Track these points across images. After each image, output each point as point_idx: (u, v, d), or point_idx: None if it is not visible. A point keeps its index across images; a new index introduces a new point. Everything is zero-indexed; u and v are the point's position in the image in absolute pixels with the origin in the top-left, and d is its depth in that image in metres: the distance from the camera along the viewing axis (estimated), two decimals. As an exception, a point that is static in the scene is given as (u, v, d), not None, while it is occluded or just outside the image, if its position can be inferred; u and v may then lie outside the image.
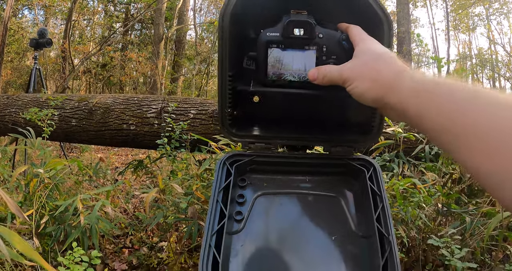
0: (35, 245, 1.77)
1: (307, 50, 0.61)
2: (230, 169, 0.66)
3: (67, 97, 3.20)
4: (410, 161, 2.22)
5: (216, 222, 0.61)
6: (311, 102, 0.67)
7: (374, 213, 0.61)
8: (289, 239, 0.63)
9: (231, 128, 0.68)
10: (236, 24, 0.62)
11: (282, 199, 0.68)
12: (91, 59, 11.00)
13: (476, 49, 16.69)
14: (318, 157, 0.72)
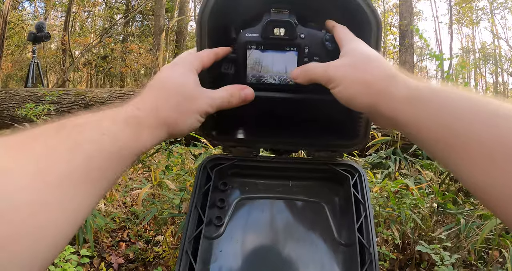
0: None
1: (288, 51, 0.58)
2: (210, 173, 0.65)
3: (64, 92, 3.20)
4: (407, 158, 2.20)
5: (194, 227, 0.59)
6: (293, 106, 0.64)
7: (356, 222, 0.59)
8: (269, 245, 0.61)
9: (212, 132, 0.66)
10: (216, 23, 0.58)
11: (264, 204, 0.66)
12: (92, 51, 10.97)
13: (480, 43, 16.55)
14: (301, 161, 0.69)
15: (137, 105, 0.44)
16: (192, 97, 0.48)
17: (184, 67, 0.50)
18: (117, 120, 0.40)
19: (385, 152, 2.14)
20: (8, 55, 10.16)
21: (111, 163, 0.38)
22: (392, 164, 2.01)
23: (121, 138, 0.39)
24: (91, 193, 0.35)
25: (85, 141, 0.36)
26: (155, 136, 0.44)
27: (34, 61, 4.46)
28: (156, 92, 0.47)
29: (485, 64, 15.45)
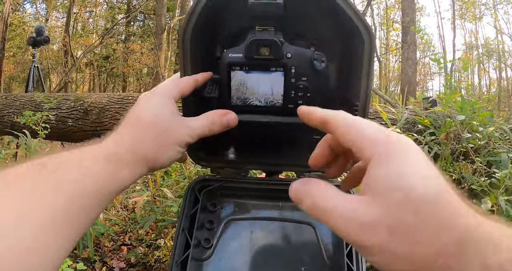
0: None
1: (274, 72, 0.56)
2: (198, 195, 0.63)
3: (63, 97, 3.21)
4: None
5: (181, 250, 0.58)
6: (281, 128, 0.62)
7: (346, 248, 0.57)
8: (258, 268, 0.60)
9: (199, 153, 0.65)
10: (198, 43, 0.56)
11: (253, 225, 0.65)
12: (94, 51, 10.99)
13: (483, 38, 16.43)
14: (290, 182, 0.68)
15: (116, 141, 0.43)
16: (169, 129, 0.47)
17: (161, 96, 0.49)
18: (98, 159, 0.40)
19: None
20: (10, 57, 10.21)
21: (92, 202, 0.38)
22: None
23: (101, 177, 0.39)
24: (71, 233, 0.36)
25: (66, 181, 0.36)
26: (135, 173, 0.43)
27: (34, 65, 4.48)
28: (133, 127, 0.45)
29: (488, 59, 15.34)
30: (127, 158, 0.42)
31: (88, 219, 0.38)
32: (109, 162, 0.40)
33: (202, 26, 0.55)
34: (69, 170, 0.37)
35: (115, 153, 0.41)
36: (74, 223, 0.36)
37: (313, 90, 0.57)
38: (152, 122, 0.46)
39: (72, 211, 0.35)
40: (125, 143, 0.43)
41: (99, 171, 0.39)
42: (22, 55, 11.01)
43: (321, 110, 0.38)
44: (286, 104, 0.58)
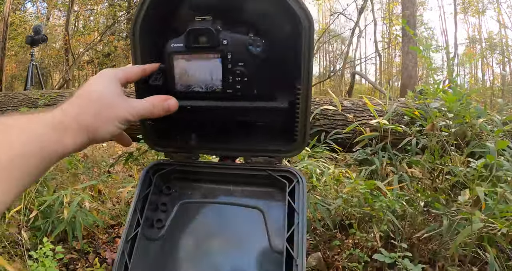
0: (24, 238, 1.82)
1: (212, 59, 0.58)
2: (152, 177, 0.66)
3: (58, 94, 3.25)
4: (397, 154, 2.17)
5: (132, 228, 0.61)
6: (225, 113, 0.64)
7: (287, 232, 0.58)
8: (206, 249, 0.62)
9: (153, 139, 0.68)
10: (147, 36, 0.60)
11: (205, 208, 0.67)
12: (95, 49, 11.02)
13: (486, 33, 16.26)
14: (240, 167, 0.69)
15: (62, 111, 0.47)
16: (111, 105, 0.50)
17: (107, 78, 0.53)
18: (44, 125, 0.44)
19: (372, 148, 2.11)
20: (12, 56, 10.26)
21: (34, 163, 0.41)
22: (377, 161, 1.97)
23: (45, 142, 0.43)
24: (11, 189, 0.39)
25: (12, 142, 0.40)
26: (77, 141, 0.46)
27: (32, 64, 4.54)
28: (80, 101, 0.49)
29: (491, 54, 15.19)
30: (70, 127, 0.46)
31: (30, 178, 0.41)
32: (53, 128, 0.44)
33: (151, 19, 0.59)
34: (16, 132, 0.41)
35: (60, 121, 0.45)
36: (16, 181, 0.39)
37: (250, 74, 0.59)
38: (97, 97, 0.50)
39: (14, 169, 0.39)
40: (70, 113, 0.47)
41: (44, 136, 0.43)
42: (24, 54, 11.04)
43: None
44: (225, 89, 0.60)
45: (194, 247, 0.63)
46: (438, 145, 2.02)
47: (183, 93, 0.59)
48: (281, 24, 0.58)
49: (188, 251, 0.62)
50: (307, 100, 0.61)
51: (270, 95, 0.63)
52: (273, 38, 0.59)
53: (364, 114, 2.34)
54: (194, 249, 0.63)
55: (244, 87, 0.60)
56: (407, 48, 8.22)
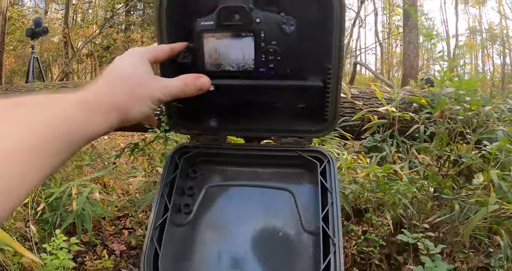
0: (32, 231, 1.82)
1: (244, 37, 0.57)
2: (178, 161, 0.65)
3: (62, 85, 3.23)
4: (404, 141, 2.17)
5: (160, 214, 0.60)
6: (256, 92, 0.63)
7: (322, 211, 0.58)
8: (236, 233, 0.62)
9: (178, 121, 0.66)
10: (174, 15, 0.58)
11: (232, 191, 0.66)
12: (94, 42, 10.96)
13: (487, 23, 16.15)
14: (269, 148, 0.69)
15: (93, 91, 0.44)
16: (143, 84, 0.48)
17: (136, 57, 0.51)
18: (71, 104, 0.40)
19: (381, 135, 2.11)
20: (11, 51, 10.19)
21: (61, 144, 0.38)
22: (387, 147, 1.98)
23: (73, 122, 0.39)
24: (36, 171, 0.35)
25: (38, 120, 0.36)
26: (106, 122, 0.43)
27: (33, 57, 4.52)
28: (109, 80, 0.47)
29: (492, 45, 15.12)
30: (100, 106, 0.43)
31: (55, 160, 0.38)
32: (81, 108, 0.41)
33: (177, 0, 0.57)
34: (43, 111, 0.37)
35: (89, 101, 0.42)
36: (41, 161, 0.36)
37: (283, 53, 0.58)
38: (128, 76, 0.47)
39: (39, 150, 0.35)
40: (101, 92, 0.44)
41: (71, 116, 0.39)
42: (23, 48, 10.97)
43: None
44: (258, 68, 0.59)
45: (223, 231, 0.62)
46: (446, 132, 2.02)
47: (213, 73, 0.58)
48: (312, 5, 0.57)
49: (217, 236, 0.62)
50: (338, 80, 0.60)
51: (302, 75, 0.62)
52: (304, 18, 0.58)
53: (372, 102, 2.34)
54: (223, 233, 0.62)
55: (276, 66, 0.59)
56: (409, 38, 8.20)
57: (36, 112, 0.37)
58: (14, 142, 0.33)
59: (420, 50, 8.41)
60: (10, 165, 0.32)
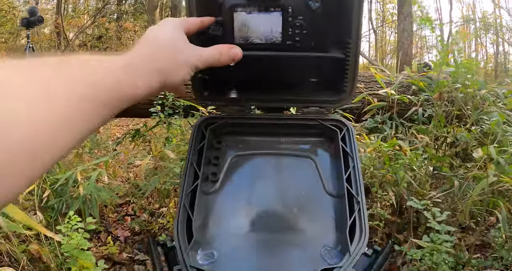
0: (39, 218, 1.83)
1: (273, 12, 0.61)
2: (204, 131, 0.68)
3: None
4: (403, 123, 2.22)
5: (190, 182, 0.63)
6: (281, 64, 0.67)
7: (345, 173, 0.62)
8: (262, 198, 0.65)
9: (204, 92, 0.70)
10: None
11: (257, 160, 0.70)
12: (86, 32, 10.84)
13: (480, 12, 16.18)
14: (291, 118, 0.73)
15: (134, 54, 0.46)
16: (183, 51, 0.51)
17: (173, 26, 0.53)
18: (118, 67, 0.42)
19: (381, 117, 2.16)
20: (2, 44, 10.05)
21: (105, 102, 0.39)
22: (387, 128, 2.03)
23: (117, 81, 0.41)
24: (83, 125, 0.37)
25: (85, 76, 0.37)
26: (149, 84, 0.45)
27: (29, 46, 4.49)
28: (150, 45, 0.49)
29: (485, 34, 15.17)
30: (143, 69, 0.45)
31: (97, 117, 0.39)
32: (128, 71, 0.42)
33: None
34: (90, 68, 0.39)
35: (134, 64, 0.44)
36: (85, 116, 0.37)
37: (308, 27, 0.63)
38: (169, 42, 0.50)
39: (86, 104, 0.36)
40: (143, 56, 0.46)
41: (114, 76, 0.41)
42: (14, 41, 10.83)
43: None
44: (285, 41, 0.64)
45: (249, 197, 0.66)
46: (444, 115, 2.07)
47: (241, 45, 0.60)
48: None
49: (243, 201, 0.65)
50: (356, 53, 0.65)
51: (324, 48, 0.66)
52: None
53: (371, 85, 2.38)
54: (250, 199, 0.66)
55: (302, 39, 0.63)
56: (403, 26, 8.23)
57: (84, 68, 0.38)
58: (67, 95, 0.35)
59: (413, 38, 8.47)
60: (65, 117, 0.34)
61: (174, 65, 0.49)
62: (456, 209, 1.74)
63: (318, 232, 0.61)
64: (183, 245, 0.56)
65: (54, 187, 1.86)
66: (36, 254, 1.64)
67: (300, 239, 0.61)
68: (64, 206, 1.89)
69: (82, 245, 1.21)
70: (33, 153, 0.31)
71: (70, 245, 1.20)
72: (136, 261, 2.02)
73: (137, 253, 2.07)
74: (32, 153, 0.30)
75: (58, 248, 1.67)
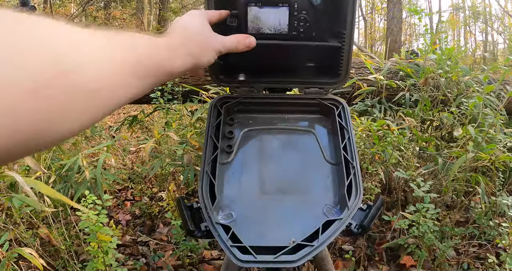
0: (47, 203, 1.88)
1: (281, 7, 0.73)
2: (220, 109, 0.79)
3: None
4: (391, 107, 2.34)
5: (210, 153, 0.73)
6: (287, 52, 0.79)
7: (341, 144, 0.74)
8: (271, 167, 0.76)
9: (220, 75, 0.81)
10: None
11: (265, 134, 0.80)
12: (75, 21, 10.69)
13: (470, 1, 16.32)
14: (295, 97, 0.84)
15: (171, 39, 0.54)
16: (209, 38, 0.61)
17: (200, 16, 0.63)
18: (159, 43, 0.49)
19: (370, 101, 2.28)
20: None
21: (150, 73, 0.44)
22: (377, 111, 2.15)
23: (162, 55, 0.48)
24: (136, 85, 0.41)
25: (138, 45, 0.43)
26: (184, 64, 0.54)
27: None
28: (182, 33, 0.57)
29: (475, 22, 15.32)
30: (179, 51, 0.53)
31: (140, 86, 0.43)
32: (168, 49, 0.50)
33: None
34: (140, 39, 0.44)
35: (174, 45, 0.52)
36: (133, 81, 0.41)
37: (310, 20, 0.75)
38: (198, 30, 0.59)
39: (137, 70, 0.41)
40: (180, 41, 0.54)
41: (159, 50, 0.48)
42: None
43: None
44: (291, 31, 0.76)
45: (260, 166, 0.76)
46: (429, 99, 2.19)
47: (253, 35, 0.71)
48: None
49: (255, 170, 0.75)
50: (350, 42, 0.77)
51: (323, 37, 0.78)
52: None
53: (361, 71, 2.49)
54: (260, 168, 0.76)
55: (305, 30, 0.75)
56: (392, 13, 8.32)
57: (136, 40, 0.43)
58: (125, 58, 0.39)
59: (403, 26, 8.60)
60: (119, 76, 0.38)
61: (204, 50, 0.58)
62: (440, 186, 1.88)
63: (320, 194, 0.72)
64: (208, 205, 0.66)
65: (59, 172, 1.90)
66: (46, 238, 1.70)
67: (305, 200, 0.71)
68: (70, 191, 1.93)
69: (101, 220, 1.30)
70: (92, 96, 0.34)
71: (89, 221, 1.29)
72: (139, 242, 2.10)
73: (139, 235, 2.15)
74: (91, 95, 0.34)
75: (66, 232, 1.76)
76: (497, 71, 2.93)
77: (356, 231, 0.64)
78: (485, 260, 1.70)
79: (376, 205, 0.67)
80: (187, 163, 1.74)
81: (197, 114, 1.95)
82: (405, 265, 1.76)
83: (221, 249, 1.97)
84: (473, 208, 1.77)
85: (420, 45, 2.43)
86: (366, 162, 1.73)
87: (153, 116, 3.12)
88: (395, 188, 2.05)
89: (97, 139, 3.26)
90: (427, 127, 2.36)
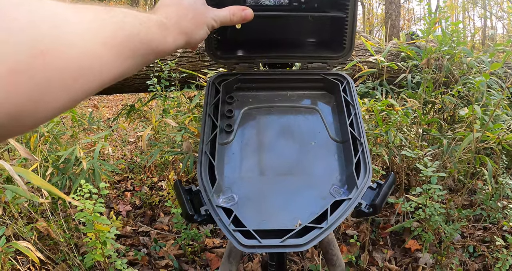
0: (44, 195, 1.85)
1: None
2: (218, 87, 0.74)
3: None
4: (393, 89, 2.30)
5: (209, 133, 0.69)
6: (287, 24, 0.74)
7: (347, 120, 0.69)
8: (274, 146, 0.72)
9: (217, 52, 0.75)
10: None
11: (266, 112, 0.76)
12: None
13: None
14: (297, 72, 0.79)
15: (163, 15, 0.51)
16: (202, 12, 0.57)
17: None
18: (150, 20, 0.46)
19: (372, 83, 2.23)
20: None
21: (140, 50, 0.43)
22: (378, 93, 2.11)
23: (152, 32, 0.46)
24: (119, 64, 0.40)
25: (128, 23, 0.41)
26: (176, 41, 0.51)
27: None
28: (175, 8, 0.54)
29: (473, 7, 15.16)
30: (171, 29, 0.50)
31: (130, 63, 0.42)
32: (159, 26, 0.48)
33: None
34: (131, 16, 0.43)
35: (163, 22, 0.49)
36: (122, 59, 0.40)
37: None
38: (190, 6, 0.55)
39: (127, 46, 0.40)
40: (171, 18, 0.52)
41: (150, 27, 0.45)
42: None
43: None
44: (292, 2, 0.71)
45: (262, 145, 0.72)
46: (432, 81, 2.14)
47: (252, 7, 0.66)
48: None
49: (257, 150, 0.71)
50: (354, 13, 0.72)
51: (326, 8, 0.73)
52: None
53: (362, 54, 2.44)
54: (263, 148, 0.72)
55: (307, 0, 0.70)
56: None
57: (127, 16, 0.42)
58: (114, 34, 0.38)
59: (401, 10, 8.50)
60: (103, 54, 0.37)
61: (195, 26, 0.55)
62: (444, 169, 1.84)
63: (327, 174, 0.68)
64: (207, 187, 0.62)
65: (56, 164, 1.87)
66: (44, 231, 1.68)
67: (310, 180, 0.67)
68: (68, 182, 1.90)
69: (98, 210, 1.26)
70: (74, 75, 0.33)
71: (85, 212, 1.25)
72: (140, 233, 2.08)
73: (140, 225, 2.14)
74: (72, 75, 0.33)
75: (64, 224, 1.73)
76: (495, 56, 2.88)
77: (367, 211, 0.60)
78: (491, 243, 1.68)
79: (388, 182, 0.63)
80: (186, 150, 1.70)
81: (195, 100, 1.90)
82: (410, 249, 1.74)
83: (223, 236, 1.94)
84: (481, 189, 1.73)
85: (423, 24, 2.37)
86: (370, 144, 1.69)
87: (151, 104, 3.07)
88: (398, 172, 2.01)
89: (95, 130, 3.22)
90: (429, 109, 2.32)
